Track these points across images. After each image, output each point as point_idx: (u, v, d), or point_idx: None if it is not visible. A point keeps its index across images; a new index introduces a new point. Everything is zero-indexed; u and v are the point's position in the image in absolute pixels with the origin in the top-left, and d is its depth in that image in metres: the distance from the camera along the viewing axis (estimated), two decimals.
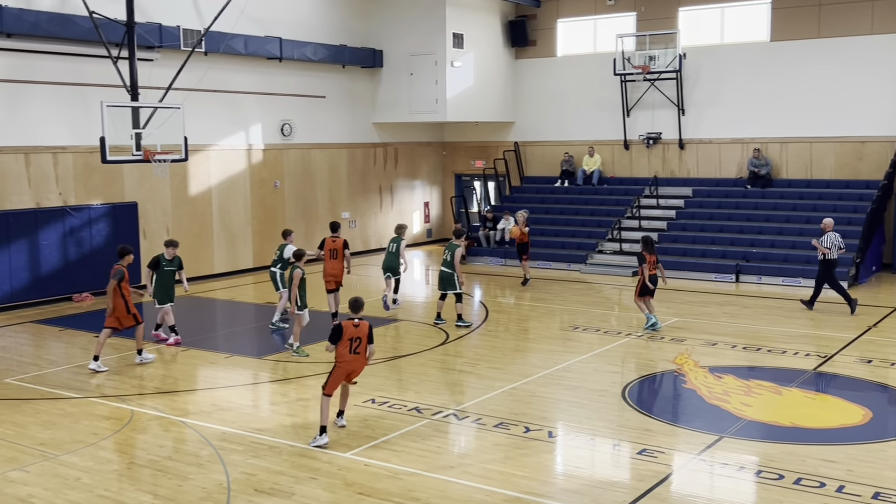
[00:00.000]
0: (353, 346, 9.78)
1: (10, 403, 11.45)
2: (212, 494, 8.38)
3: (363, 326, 9.87)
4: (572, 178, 26.09)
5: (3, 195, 17.44)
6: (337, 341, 9.74)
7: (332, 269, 15.96)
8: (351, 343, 9.76)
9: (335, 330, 9.76)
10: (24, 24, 16.95)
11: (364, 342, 9.86)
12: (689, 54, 24.13)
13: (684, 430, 10.27)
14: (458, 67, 24.83)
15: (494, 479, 8.68)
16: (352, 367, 9.90)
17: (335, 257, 15.93)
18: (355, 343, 9.79)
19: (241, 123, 22.15)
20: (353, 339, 9.77)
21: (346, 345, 9.76)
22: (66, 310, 17.78)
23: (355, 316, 9.95)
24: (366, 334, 9.86)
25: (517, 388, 11.93)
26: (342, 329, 9.74)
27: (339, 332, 9.72)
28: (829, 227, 16.96)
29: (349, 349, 9.78)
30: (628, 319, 16.86)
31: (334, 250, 15.99)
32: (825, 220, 17.37)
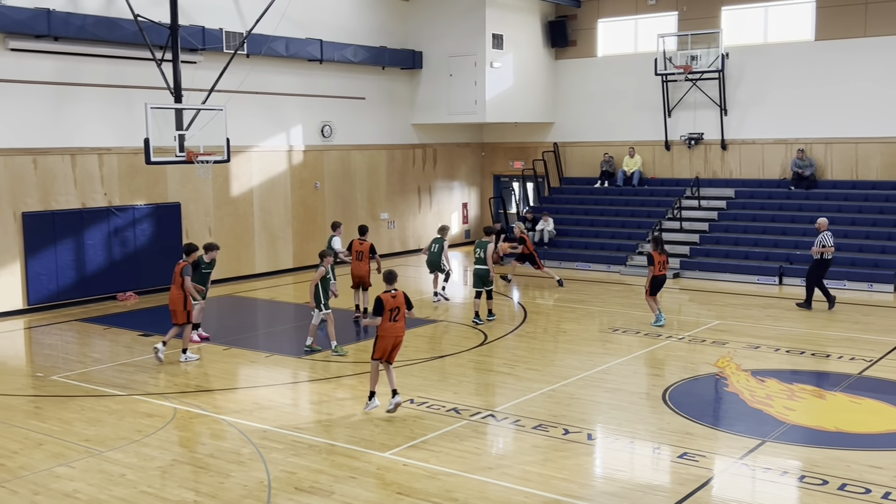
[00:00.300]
0: (392, 315, 10.69)
1: (56, 400, 11.66)
2: (253, 492, 8.46)
3: (399, 296, 10.77)
4: (612, 178, 25.94)
5: (50, 195, 17.78)
6: (380, 313, 10.62)
7: (357, 270, 16.35)
8: (391, 313, 10.67)
9: (377, 303, 10.66)
10: (71, 27, 17.26)
11: (402, 310, 10.77)
12: (731, 54, 23.86)
13: (726, 433, 10.16)
14: (497, 68, 24.81)
15: (533, 481, 8.66)
16: (394, 333, 10.75)
17: (361, 259, 16.32)
18: (394, 312, 10.70)
19: (281, 125, 22.35)
20: (392, 310, 10.67)
21: (386, 315, 10.63)
22: (111, 308, 18.07)
23: (390, 287, 10.81)
24: (402, 303, 10.77)
25: (556, 389, 11.89)
26: (382, 301, 10.62)
27: (381, 305, 10.61)
28: (824, 227, 17.24)
29: (390, 318, 10.67)
30: (668, 322, 16.71)
31: (360, 252, 16.36)
32: (819, 220, 17.59)
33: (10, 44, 16.78)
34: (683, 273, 21.57)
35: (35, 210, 17.51)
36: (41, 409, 11.26)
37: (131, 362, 13.68)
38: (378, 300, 10.68)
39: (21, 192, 17.30)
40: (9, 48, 16.81)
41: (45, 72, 17.48)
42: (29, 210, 17.42)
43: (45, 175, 17.66)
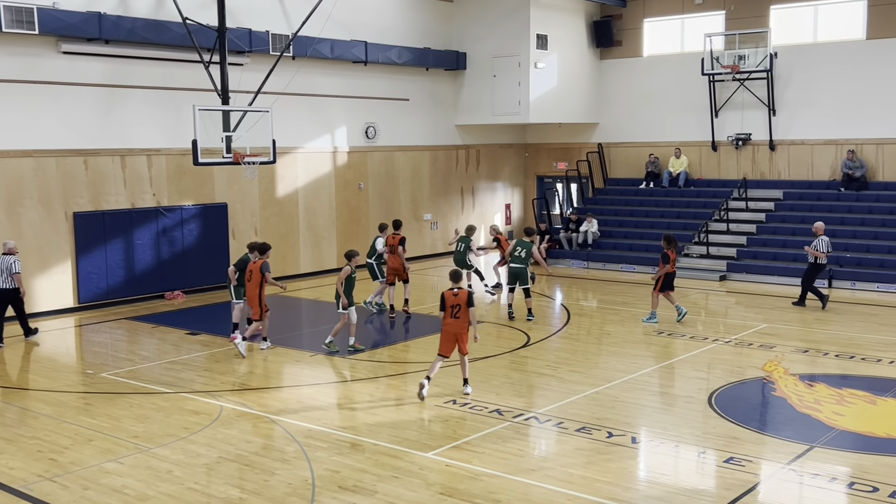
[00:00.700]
0: (453, 311, 11.37)
1: (106, 397, 11.88)
2: (297, 490, 8.53)
3: (461, 294, 11.39)
4: (658, 179, 25.72)
5: (101, 196, 18.11)
6: (443, 309, 11.42)
7: (392, 263, 17.04)
8: (451, 309, 11.36)
9: (441, 299, 11.48)
10: (121, 30, 17.57)
11: (463, 307, 11.33)
12: (780, 53, 23.51)
13: (773, 438, 10.01)
14: (541, 69, 24.73)
15: (576, 484, 8.61)
16: (454, 329, 11.39)
17: (394, 252, 16.99)
18: (455, 309, 11.36)
19: (326, 126, 22.51)
20: (453, 306, 11.36)
21: (448, 311, 11.38)
22: (159, 307, 18.36)
23: (454, 286, 11.54)
24: (464, 301, 11.36)
25: (600, 392, 11.81)
26: (444, 298, 11.42)
27: (443, 301, 11.41)
28: (821, 232, 17.51)
29: (450, 314, 11.39)
30: (714, 325, 16.54)
31: (393, 246, 17.07)
32: (816, 224, 17.83)
33: (62, 47, 17.13)
34: (730, 275, 21.30)
35: (86, 210, 17.86)
36: (91, 406, 11.48)
37: (178, 360, 13.89)
38: (441, 297, 11.51)
39: (72, 193, 17.66)
40: (61, 51, 17.16)
41: (96, 74, 17.82)
42: (80, 210, 17.77)
43: (96, 175, 18.00)
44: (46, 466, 9.26)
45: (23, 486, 8.72)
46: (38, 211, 17.15)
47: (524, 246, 16.69)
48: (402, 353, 14.36)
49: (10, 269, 14.79)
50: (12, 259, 14.88)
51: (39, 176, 17.15)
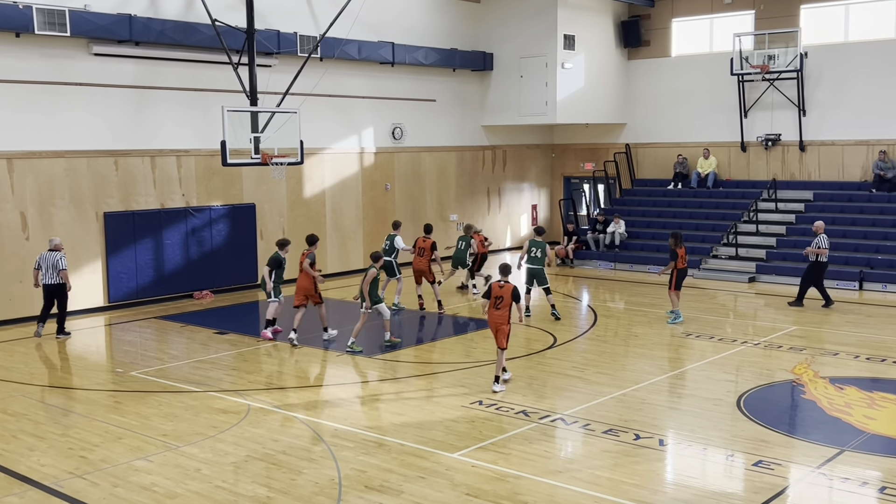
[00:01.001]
0: (496, 302, 11.85)
1: (135, 395, 12.00)
2: (324, 489, 8.57)
3: (507, 288, 11.83)
4: (686, 180, 25.54)
5: (131, 196, 18.30)
6: (487, 298, 11.96)
7: (417, 265, 17.74)
8: (495, 300, 11.85)
9: (487, 289, 12.05)
10: (151, 32, 17.75)
11: (506, 300, 11.77)
12: (810, 53, 23.27)
13: (802, 442, 9.91)
14: (568, 69, 24.66)
15: (603, 486, 8.58)
16: (495, 319, 11.84)
17: (422, 255, 17.67)
18: (498, 301, 11.83)
19: (353, 127, 22.59)
20: (496, 298, 11.84)
21: (491, 302, 11.87)
22: (188, 307, 18.51)
23: (503, 279, 12.03)
24: (509, 294, 11.77)
25: (627, 394, 11.76)
26: (491, 288, 11.97)
27: (489, 292, 11.98)
28: (821, 230, 17.77)
29: (493, 305, 11.86)
30: (744, 327, 16.40)
31: (423, 248, 17.72)
32: (816, 223, 18.09)
33: (93, 49, 17.33)
34: (759, 277, 21.11)
35: (116, 210, 18.05)
36: (121, 404, 11.60)
37: (207, 359, 14.00)
38: (488, 288, 12.13)
39: (103, 193, 17.85)
40: (92, 53, 17.35)
41: (126, 76, 18.01)
42: (110, 210, 17.96)
43: (126, 176, 18.19)
44: (77, 464, 9.37)
45: (54, 483, 8.83)
46: (69, 211, 17.36)
47: (538, 246, 16.79)
48: (428, 353, 14.37)
49: (56, 266, 15.17)
50: (58, 255, 15.27)
51: (71, 176, 17.36)
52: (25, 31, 15.97)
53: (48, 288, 15.32)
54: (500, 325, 11.84)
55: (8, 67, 16.33)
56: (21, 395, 12.00)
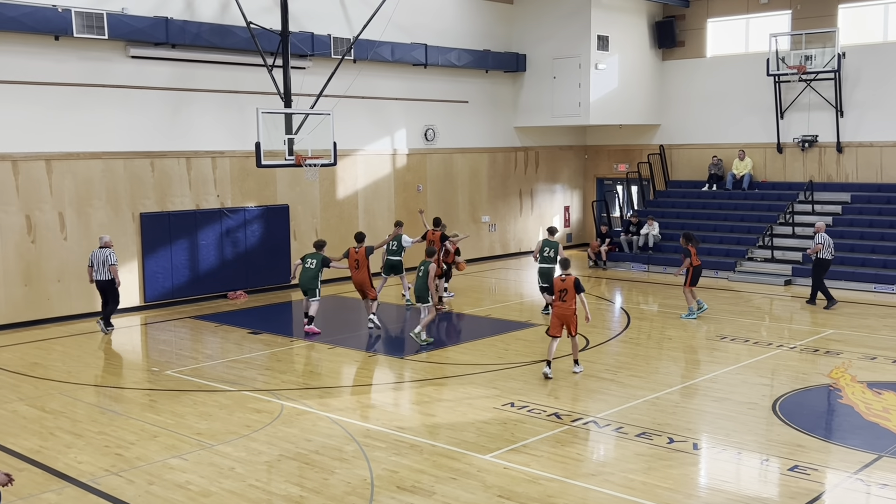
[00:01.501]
0: (561, 295, 12.54)
1: (170, 394, 12.13)
2: (356, 489, 8.60)
3: (569, 280, 12.56)
4: (721, 182, 25.31)
5: (167, 197, 18.50)
6: (551, 293, 12.84)
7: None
8: (560, 294, 12.52)
9: (549, 285, 13.08)
10: (187, 34, 17.93)
11: (570, 292, 12.47)
12: (848, 53, 22.95)
13: (839, 447, 9.77)
14: (602, 70, 24.54)
15: (636, 490, 8.52)
16: (561, 311, 12.54)
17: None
18: (563, 293, 12.51)
19: (386, 129, 22.66)
20: (561, 291, 12.53)
21: (556, 295, 12.56)
22: (222, 307, 18.67)
23: (563, 273, 12.76)
24: (571, 286, 12.51)
25: (660, 397, 11.67)
26: (554, 284, 12.72)
27: (551, 287, 12.93)
28: (821, 230, 18.29)
29: (558, 298, 12.53)
30: (779, 330, 16.22)
31: (432, 241, 18.01)
32: (817, 223, 18.73)
33: (130, 51, 17.54)
34: (796, 280, 20.85)
35: (152, 211, 18.26)
36: (156, 403, 11.73)
37: (241, 359, 14.11)
38: (552, 283, 12.97)
39: (139, 194, 18.07)
40: (130, 55, 17.58)
41: (162, 78, 18.21)
42: (147, 211, 18.17)
43: (162, 177, 18.39)
44: (113, 461, 9.49)
45: (90, 480, 8.95)
46: (106, 211, 17.59)
47: (551, 246, 16.78)
48: (460, 354, 14.37)
49: (106, 262, 15.68)
50: (108, 252, 15.76)
51: (108, 177, 17.59)
52: (64, 34, 16.22)
53: (100, 284, 15.88)
54: (568, 316, 12.53)
55: (47, 70, 16.59)
56: (59, 393, 12.18)
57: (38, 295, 16.75)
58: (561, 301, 12.51)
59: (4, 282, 16.32)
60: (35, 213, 16.65)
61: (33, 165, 16.59)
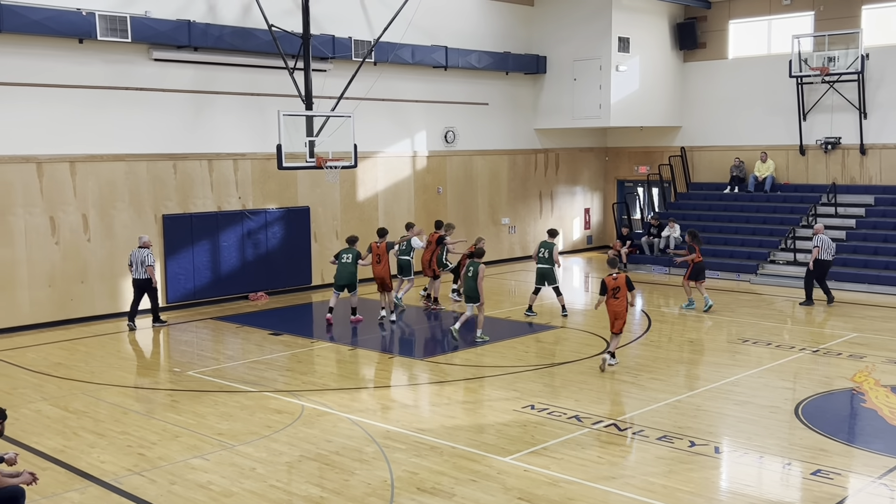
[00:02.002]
0: (613, 293, 13.08)
1: (192, 395, 12.20)
2: (376, 490, 8.62)
3: (620, 278, 13.14)
4: (743, 184, 25.16)
5: (189, 199, 18.63)
6: (604, 293, 13.13)
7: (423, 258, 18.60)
8: (613, 291, 13.07)
9: (601, 284, 13.22)
10: (209, 37, 18.05)
11: (623, 289, 13.07)
12: (872, 55, 22.76)
13: (863, 451, 9.68)
14: (623, 72, 24.47)
15: (657, 493, 8.48)
16: (614, 308, 13.09)
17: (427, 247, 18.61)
18: (615, 291, 13.07)
19: (406, 131, 22.70)
20: (613, 289, 13.07)
21: (609, 293, 13.07)
22: (243, 308, 18.77)
23: (612, 271, 13.29)
24: (623, 283, 13.09)
25: (681, 400, 11.61)
26: (605, 283, 13.16)
27: (604, 286, 13.15)
28: (820, 231, 18.58)
29: (611, 296, 13.07)
30: (802, 333, 16.10)
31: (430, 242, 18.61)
32: (816, 225, 19.16)
33: (153, 54, 17.68)
34: None
35: (174, 213, 18.39)
36: (178, 403, 11.81)
37: (262, 360, 14.18)
38: (602, 282, 13.23)
39: (162, 196, 18.20)
40: (152, 58, 17.71)
41: (184, 80, 18.34)
42: (169, 213, 18.30)
43: (184, 179, 18.52)
44: (135, 461, 9.56)
45: (113, 480, 9.03)
46: (129, 213, 17.73)
47: (546, 247, 17.32)
48: (480, 356, 14.37)
49: (144, 262, 16.24)
50: (146, 252, 16.33)
51: (131, 179, 17.73)
52: (88, 37, 16.38)
53: (138, 282, 16.42)
54: (619, 312, 13.09)
55: (71, 73, 16.76)
56: (82, 393, 12.29)
57: (61, 296, 16.91)
58: (614, 298, 13.07)
59: (29, 283, 16.49)
60: (59, 214, 16.81)
61: (57, 167, 16.76)
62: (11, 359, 14.35)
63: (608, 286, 13.11)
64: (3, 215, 16.17)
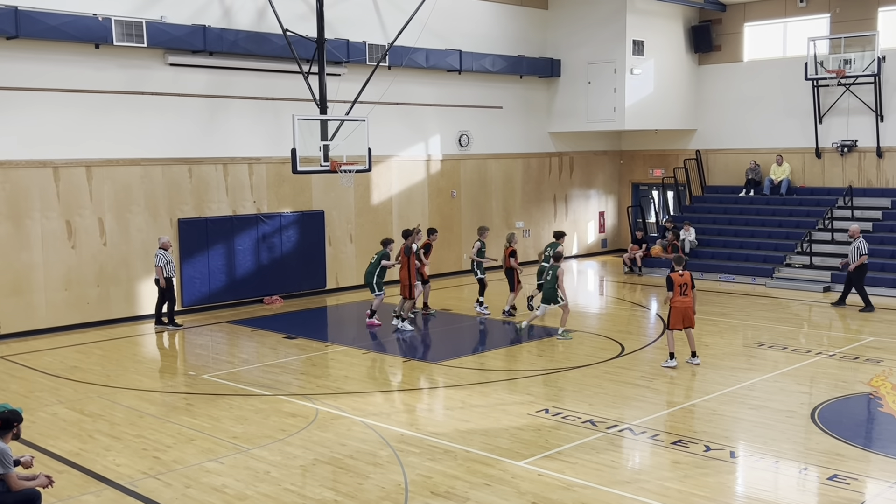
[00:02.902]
0: (681, 290, 13.29)
1: (207, 398, 12.25)
2: (390, 494, 8.62)
3: (686, 276, 13.38)
4: (758, 187, 25.04)
5: (204, 203, 18.70)
6: (671, 289, 13.26)
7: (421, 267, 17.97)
8: (680, 288, 13.27)
9: (668, 281, 13.36)
10: (224, 42, 18.13)
11: (689, 286, 13.29)
12: (888, 57, 22.61)
13: (880, 456, 9.60)
14: (637, 75, 24.41)
15: (672, 498, 8.44)
16: (683, 304, 13.28)
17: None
18: (683, 288, 13.30)
19: (420, 134, 22.72)
20: (681, 286, 13.30)
21: (676, 290, 13.24)
22: (258, 311, 18.82)
23: (678, 268, 13.51)
24: (689, 281, 13.34)
25: (696, 405, 11.56)
26: (672, 280, 13.29)
27: (671, 282, 13.29)
28: (857, 235, 18.35)
29: (679, 293, 13.26)
30: (818, 337, 16.00)
31: None
32: (851, 227, 18.79)
33: (169, 59, 17.78)
34: (835, 287, 20.51)
35: (190, 217, 18.47)
36: (193, 406, 11.85)
37: (276, 363, 14.21)
38: (668, 279, 13.36)
39: (177, 200, 18.28)
40: (168, 63, 17.81)
41: (200, 85, 18.43)
42: (184, 217, 18.39)
43: (200, 183, 18.60)
44: (151, 464, 9.60)
45: (128, 483, 9.06)
46: (145, 217, 17.83)
47: (551, 247, 17.37)
48: (494, 360, 14.35)
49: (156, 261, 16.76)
50: (157, 252, 16.84)
51: (147, 183, 17.82)
52: (104, 42, 16.48)
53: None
54: (688, 307, 13.32)
55: (87, 77, 16.87)
56: (97, 397, 12.35)
57: (77, 299, 17.01)
58: (682, 296, 13.26)
59: (45, 286, 16.59)
60: (75, 218, 16.92)
61: (74, 172, 16.87)
62: (28, 362, 14.45)
63: (675, 283, 13.28)
64: (20, 219, 16.29)
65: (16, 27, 15.41)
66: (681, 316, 13.35)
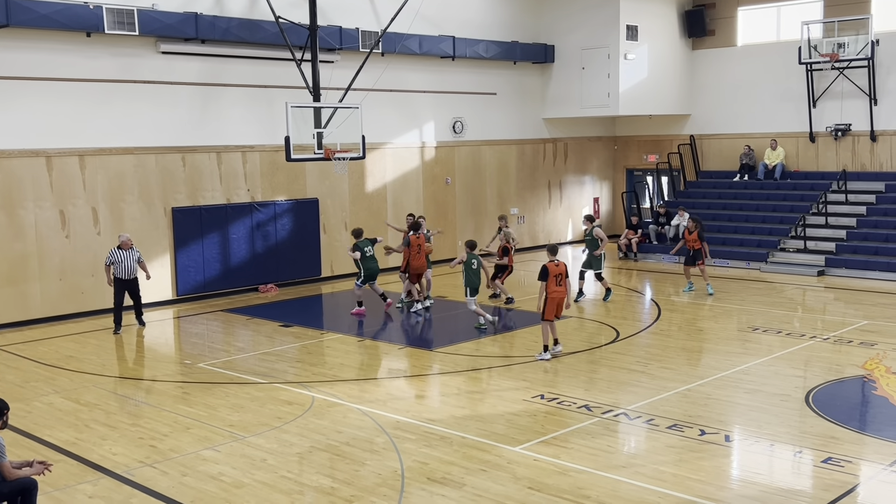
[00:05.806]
0: (557, 280, 12.93)
1: (203, 386, 12.25)
2: (387, 481, 8.64)
3: (562, 265, 13.03)
4: (752, 172, 25.05)
5: (198, 191, 18.66)
6: (545, 279, 12.80)
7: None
8: (556, 279, 12.91)
9: (542, 270, 12.87)
10: (216, 30, 18.05)
11: (563, 277, 12.98)
12: (882, 40, 22.59)
13: (874, 439, 9.66)
14: (631, 60, 24.37)
15: (667, 482, 8.48)
16: (559, 296, 12.98)
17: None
18: (558, 278, 12.94)
19: (414, 121, 22.67)
20: (556, 276, 12.92)
21: (552, 280, 12.85)
22: (253, 300, 18.81)
23: (553, 258, 13.02)
24: (564, 271, 13.02)
25: (691, 389, 11.60)
26: (547, 269, 12.84)
27: (546, 272, 12.82)
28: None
29: (555, 283, 12.90)
30: (812, 321, 16.05)
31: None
32: None
33: (161, 47, 17.70)
34: (829, 270, 20.61)
35: (184, 205, 18.43)
36: (189, 395, 11.86)
37: (272, 351, 14.22)
38: (543, 268, 12.87)
39: (171, 189, 18.24)
40: (160, 51, 17.73)
41: (192, 73, 18.35)
42: (178, 205, 18.34)
43: (193, 172, 18.55)
44: (147, 453, 9.61)
45: (125, 472, 9.07)
46: (138, 206, 17.78)
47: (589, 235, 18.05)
48: (490, 346, 14.38)
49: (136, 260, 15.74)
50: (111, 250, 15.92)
51: (140, 172, 17.77)
52: (96, 30, 16.39)
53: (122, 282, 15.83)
54: (563, 298, 13.13)
55: (79, 66, 16.79)
56: (93, 386, 12.35)
57: (72, 289, 16.98)
58: (558, 286, 13.00)
59: (39, 276, 16.56)
60: (69, 207, 16.87)
61: (67, 161, 16.81)
62: (23, 352, 14.44)
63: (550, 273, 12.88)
64: (14, 209, 16.24)
65: (6, 16, 15.30)
66: (555, 306, 13.06)
